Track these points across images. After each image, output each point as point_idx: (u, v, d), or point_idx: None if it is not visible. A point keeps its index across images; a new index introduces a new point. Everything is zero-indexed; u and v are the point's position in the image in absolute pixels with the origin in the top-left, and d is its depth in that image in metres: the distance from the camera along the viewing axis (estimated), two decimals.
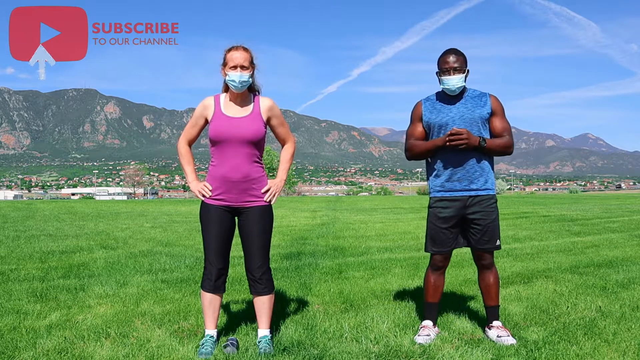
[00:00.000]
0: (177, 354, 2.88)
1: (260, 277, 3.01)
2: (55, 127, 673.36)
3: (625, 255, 6.79)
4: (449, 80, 3.07)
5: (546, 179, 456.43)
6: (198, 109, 3.07)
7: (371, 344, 3.05)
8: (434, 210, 3.21)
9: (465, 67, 3.10)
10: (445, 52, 3.13)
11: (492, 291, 3.24)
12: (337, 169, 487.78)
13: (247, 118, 2.97)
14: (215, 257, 3.00)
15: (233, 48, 2.97)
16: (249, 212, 3.00)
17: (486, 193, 3.14)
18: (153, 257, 6.69)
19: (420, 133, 3.25)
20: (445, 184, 3.16)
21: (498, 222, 3.20)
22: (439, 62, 3.13)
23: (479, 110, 3.12)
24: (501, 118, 3.17)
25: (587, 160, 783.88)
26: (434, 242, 3.22)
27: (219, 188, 2.97)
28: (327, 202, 32.92)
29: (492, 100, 3.16)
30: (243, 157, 2.95)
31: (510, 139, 3.14)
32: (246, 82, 2.95)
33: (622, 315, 3.65)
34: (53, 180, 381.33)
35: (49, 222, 13.24)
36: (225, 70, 2.96)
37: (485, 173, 3.14)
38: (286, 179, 3.27)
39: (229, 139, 2.92)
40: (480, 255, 3.22)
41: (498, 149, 3.10)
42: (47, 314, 3.75)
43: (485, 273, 3.26)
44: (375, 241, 8.71)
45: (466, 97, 3.17)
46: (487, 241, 3.15)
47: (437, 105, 3.20)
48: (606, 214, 15.77)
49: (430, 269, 3.32)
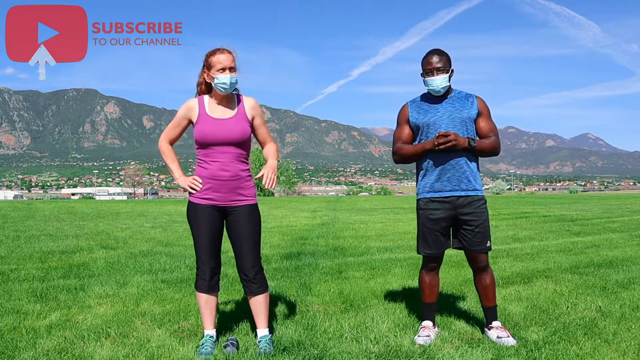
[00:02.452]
0: (177, 354, 2.88)
1: (254, 276, 3.01)
2: (55, 127, 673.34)
3: (625, 255, 6.79)
4: (433, 80, 3.08)
5: (546, 179, 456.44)
6: (182, 110, 3.05)
7: (371, 344, 3.05)
8: (425, 213, 3.21)
9: (449, 67, 3.10)
10: (429, 53, 3.13)
11: (489, 292, 3.23)
12: (337, 169, 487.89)
13: (233, 119, 2.98)
14: (208, 257, 3.00)
15: (218, 51, 2.96)
16: (237, 212, 3.00)
17: (475, 194, 3.15)
18: (153, 257, 6.69)
19: (408, 135, 3.25)
20: (435, 185, 3.15)
21: (488, 223, 3.20)
22: (422, 64, 3.14)
23: (466, 111, 3.13)
24: (487, 119, 3.19)
25: (587, 160, 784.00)
26: (427, 244, 3.23)
27: (207, 187, 2.97)
28: (327, 202, 32.91)
29: (478, 101, 3.18)
30: (231, 157, 2.95)
31: (496, 139, 3.16)
32: (235, 83, 2.95)
33: (622, 315, 3.65)
34: (53, 180, 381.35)
35: (49, 222, 13.24)
36: (211, 73, 2.94)
37: (473, 174, 3.15)
38: (277, 163, 3.15)
39: (216, 140, 2.92)
40: (474, 257, 3.20)
41: (486, 150, 3.12)
42: (47, 314, 3.75)
43: (481, 275, 3.25)
44: (375, 241, 8.71)
45: (452, 97, 3.18)
46: (479, 242, 3.15)
47: (424, 105, 3.21)
48: (606, 214, 15.76)
49: (424, 270, 3.33)
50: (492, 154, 3.16)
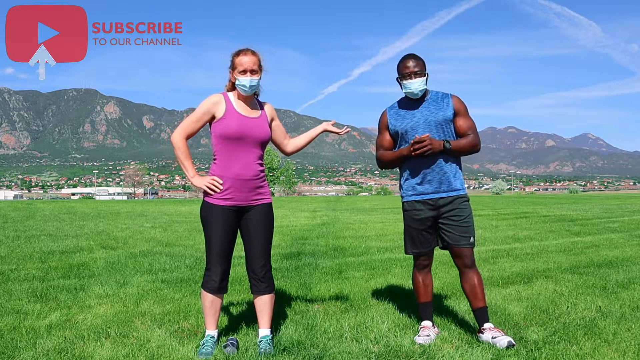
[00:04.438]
0: (177, 354, 2.88)
1: (263, 275, 3.01)
2: (55, 127, 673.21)
3: (625, 255, 6.79)
4: (411, 84, 3.14)
5: (546, 179, 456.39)
6: (205, 104, 2.97)
7: (371, 344, 3.05)
8: (410, 214, 3.27)
9: (425, 71, 3.16)
10: (405, 58, 3.20)
11: (477, 292, 3.18)
12: (337, 169, 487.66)
13: (259, 119, 3.01)
14: (220, 258, 2.97)
15: (242, 52, 2.96)
16: (255, 210, 3.01)
17: (457, 194, 3.19)
18: (153, 257, 6.69)
19: (389, 142, 3.33)
20: (417, 187, 3.21)
21: (472, 219, 3.22)
22: (398, 68, 3.21)
23: (442, 113, 3.18)
24: (465, 117, 3.23)
25: (587, 160, 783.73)
26: (414, 243, 3.28)
27: (228, 187, 2.93)
28: (327, 202, 32.91)
29: (454, 100, 3.22)
30: (254, 157, 2.97)
31: (475, 137, 3.20)
32: (256, 86, 2.96)
33: (622, 315, 3.65)
34: (53, 180, 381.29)
35: (49, 222, 13.24)
36: (235, 74, 2.95)
37: (453, 174, 3.20)
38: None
39: (244, 138, 2.92)
40: (458, 253, 3.19)
41: (464, 149, 3.17)
42: (47, 314, 3.75)
43: (467, 274, 3.20)
44: (375, 241, 8.71)
45: (428, 100, 3.23)
46: (462, 237, 3.16)
47: (401, 112, 3.27)
48: (606, 214, 15.76)
49: (416, 270, 3.36)
50: (472, 152, 3.20)
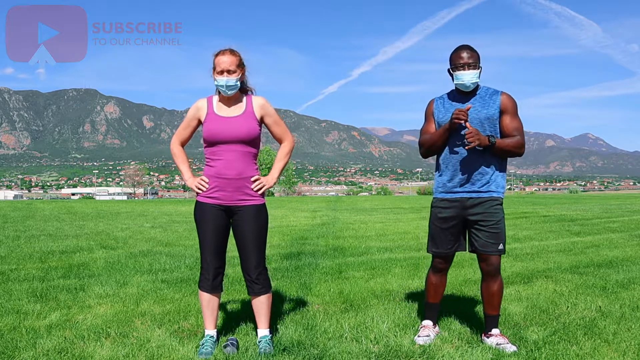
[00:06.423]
0: (177, 354, 2.88)
1: (257, 277, 3.01)
2: (55, 127, 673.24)
3: (625, 255, 6.79)
4: (463, 75, 2.99)
5: (546, 179, 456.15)
6: (191, 110, 3.09)
7: (371, 344, 3.05)
8: (435, 211, 3.19)
9: (479, 64, 3.02)
10: (459, 48, 3.05)
11: (494, 300, 3.12)
12: (337, 169, 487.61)
13: (240, 117, 2.98)
14: (212, 256, 3.00)
15: (220, 52, 2.97)
16: (243, 211, 2.99)
17: (489, 195, 3.05)
18: (153, 257, 6.69)
19: (434, 130, 3.20)
20: (447, 184, 3.12)
21: (503, 225, 3.08)
22: (452, 58, 3.06)
23: (485, 111, 3.03)
24: (512, 117, 3.05)
25: (587, 160, 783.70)
26: (434, 242, 3.19)
27: (214, 187, 2.97)
28: (327, 202, 32.89)
29: (502, 98, 3.06)
30: (237, 155, 2.95)
31: (521, 139, 3.03)
32: (233, 86, 2.94)
33: (622, 315, 3.65)
34: (53, 180, 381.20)
35: (49, 222, 13.23)
36: (214, 74, 2.96)
37: (489, 175, 3.05)
38: (279, 177, 3.26)
39: (223, 138, 2.93)
40: (485, 259, 3.08)
41: (508, 149, 2.99)
42: (47, 314, 3.75)
43: (489, 281, 3.12)
44: (375, 241, 8.71)
45: (477, 97, 3.09)
46: (490, 244, 3.03)
47: (447, 104, 3.15)
48: (606, 214, 15.76)
49: (431, 270, 3.29)
50: (516, 154, 3.04)
